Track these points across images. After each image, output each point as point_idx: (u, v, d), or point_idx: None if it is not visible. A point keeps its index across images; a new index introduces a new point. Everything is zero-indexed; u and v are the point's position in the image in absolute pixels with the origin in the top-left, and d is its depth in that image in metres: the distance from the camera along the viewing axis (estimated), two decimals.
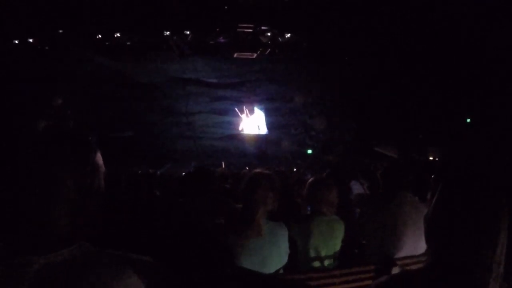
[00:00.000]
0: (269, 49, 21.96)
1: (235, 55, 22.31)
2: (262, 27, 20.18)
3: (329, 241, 3.33)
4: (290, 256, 2.98)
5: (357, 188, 6.50)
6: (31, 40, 18.77)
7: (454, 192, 1.32)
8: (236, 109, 25.32)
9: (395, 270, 2.97)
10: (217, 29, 20.29)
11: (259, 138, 25.53)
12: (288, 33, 20.77)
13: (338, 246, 3.39)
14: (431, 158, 15.00)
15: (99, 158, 1.23)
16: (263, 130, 25.72)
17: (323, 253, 3.29)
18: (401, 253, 3.26)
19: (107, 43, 20.54)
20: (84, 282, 1.08)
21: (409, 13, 17.01)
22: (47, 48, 19.65)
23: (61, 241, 1.11)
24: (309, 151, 25.34)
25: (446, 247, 1.29)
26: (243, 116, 25.35)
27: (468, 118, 18.23)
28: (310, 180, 3.72)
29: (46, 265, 1.06)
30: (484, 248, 1.22)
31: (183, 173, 9.38)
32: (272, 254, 2.80)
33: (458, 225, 1.27)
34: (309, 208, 3.85)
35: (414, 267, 3.07)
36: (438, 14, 16.52)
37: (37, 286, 1.03)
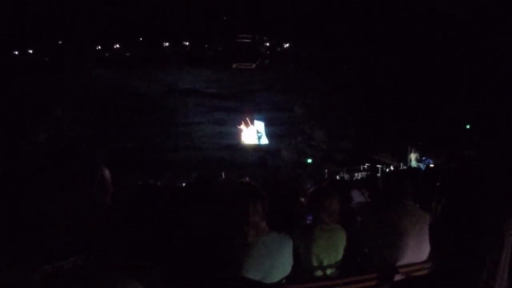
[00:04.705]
0: (268, 59, 22.01)
1: (234, 65, 22.36)
2: (261, 38, 20.24)
3: (331, 250, 3.33)
4: (292, 266, 2.98)
5: (358, 196, 6.50)
6: (31, 51, 18.81)
7: (460, 200, 1.33)
8: (235, 119, 25.33)
9: (397, 278, 2.97)
10: (216, 40, 20.36)
11: (259, 148, 25.51)
12: (286, 43, 20.83)
13: (340, 255, 3.39)
14: (431, 165, 15.00)
15: (107, 174, 1.24)
16: (263, 140, 25.71)
17: (325, 262, 3.29)
18: (403, 261, 3.26)
19: (106, 54, 20.61)
20: None
21: (405, 23, 17.09)
22: (46, 59, 19.70)
23: (67, 251, 1.12)
24: (309, 161, 25.34)
25: (452, 253, 1.30)
26: (242, 126, 25.35)
27: (468, 124, 18.27)
28: (311, 189, 3.73)
29: (52, 274, 1.07)
30: (490, 255, 1.23)
31: (184, 184, 9.35)
32: (276, 265, 2.81)
33: (464, 232, 1.28)
34: (310, 218, 3.85)
35: (415, 274, 3.07)
36: (434, 23, 16.60)
37: None
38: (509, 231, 1.26)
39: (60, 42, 19.09)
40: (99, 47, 20.11)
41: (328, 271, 3.30)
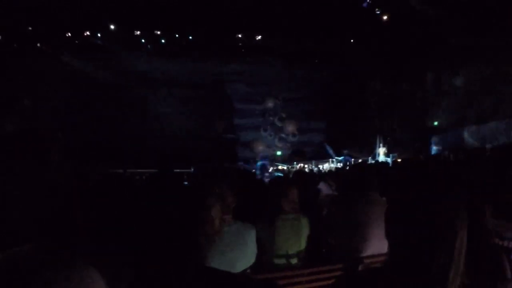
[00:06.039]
0: (241, 51, 21.99)
1: (207, 56, 22.28)
2: (234, 29, 20.19)
3: (294, 239, 3.35)
4: (256, 255, 2.99)
5: (325, 189, 6.55)
6: None
7: (410, 189, 1.33)
8: (207, 110, 25.31)
9: (361, 268, 3.00)
10: (188, 30, 20.21)
11: (229, 139, 25.59)
12: (258, 36, 20.82)
13: (303, 244, 3.41)
14: (399, 160, 15.23)
15: (62, 158, 1.22)
16: (233, 131, 25.82)
17: (289, 251, 3.31)
18: (368, 252, 3.29)
19: (76, 41, 20.23)
20: (42, 277, 1.06)
21: (377, 17, 17.26)
22: (15, 45, 19.23)
23: (20, 237, 1.09)
24: (279, 153, 25.58)
25: (404, 244, 1.29)
26: (214, 117, 25.37)
27: (436, 121, 18.57)
28: (271, 179, 3.76)
29: (4, 260, 1.04)
30: (442, 243, 1.22)
31: (149, 174, 9.28)
32: (240, 255, 2.81)
33: (414, 222, 1.27)
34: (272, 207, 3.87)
35: (379, 265, 3.10)
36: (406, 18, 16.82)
37: None
38: (462, 222, 1.26)
39: (29, 29, 18.63)
40: (69, 35, 19.71)
41: (292, 261, 3.32)
